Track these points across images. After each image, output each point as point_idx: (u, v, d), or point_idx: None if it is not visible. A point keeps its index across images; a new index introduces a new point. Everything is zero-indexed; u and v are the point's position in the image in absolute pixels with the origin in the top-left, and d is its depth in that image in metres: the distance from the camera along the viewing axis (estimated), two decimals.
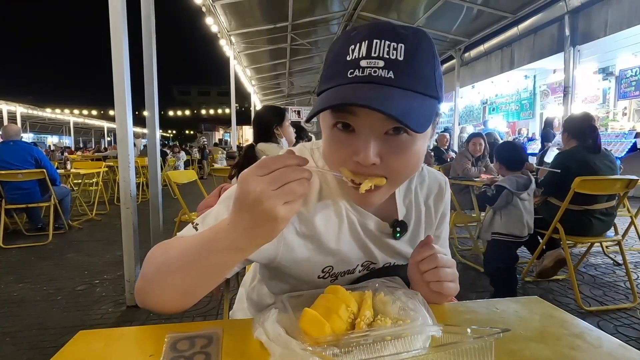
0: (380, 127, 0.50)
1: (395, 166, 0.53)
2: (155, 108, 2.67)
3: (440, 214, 0.74)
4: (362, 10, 6.19)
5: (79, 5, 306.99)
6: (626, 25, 4.43)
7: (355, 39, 0.50)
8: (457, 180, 3.26)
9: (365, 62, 0.48)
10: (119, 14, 2.09)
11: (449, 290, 0.59)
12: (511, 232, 2.19)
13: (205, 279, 0.52)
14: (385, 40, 0.48)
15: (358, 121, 0.51)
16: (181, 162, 10.25)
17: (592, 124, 2.42)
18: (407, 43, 0.48)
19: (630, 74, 7.32)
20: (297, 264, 0.64)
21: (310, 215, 0.63)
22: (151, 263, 0.56)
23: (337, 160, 0.54)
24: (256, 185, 0.43)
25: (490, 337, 0.39)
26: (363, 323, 0.49)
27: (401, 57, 0.48)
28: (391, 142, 0.51)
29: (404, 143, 0.52)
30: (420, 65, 0.50)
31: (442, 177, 0.75)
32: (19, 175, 3.64)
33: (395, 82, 0.48)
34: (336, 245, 0.65)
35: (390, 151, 0.51)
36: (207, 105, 41.21)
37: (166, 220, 2.89)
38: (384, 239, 0.68)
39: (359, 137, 0.51)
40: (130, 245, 2.23)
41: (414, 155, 0.53)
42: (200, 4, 5.28)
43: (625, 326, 1.97)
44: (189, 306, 0.55)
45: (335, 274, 0.67)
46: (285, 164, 0.44)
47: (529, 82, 10.13)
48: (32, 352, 1.78)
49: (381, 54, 0.48)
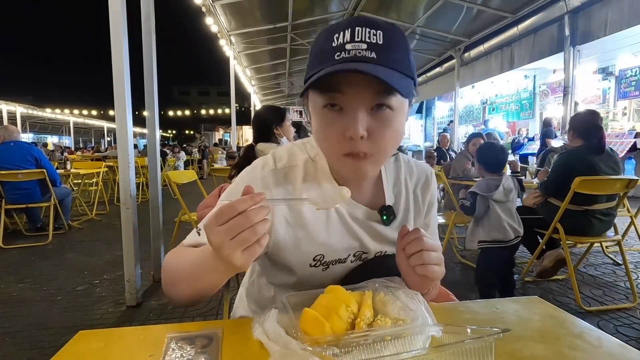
0: (366, 102, 0.56)
1: (380, 141, 0.57)
2: (155, 108, 2.67)
3: (427, 203, 0.77)
4: (362, 11, 6.19)
5: (79, 5, 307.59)
6: (626, 25, 4.43)
7: (338, 29, 0.56)
8: (457, 180, 3.26)
9: (350, 45, 0.54)
10: (118, 14, 2.09)
11: (434, 274, 0.59)
12: (494, 238, 2.08)
13: (206, 286, 0.57)
14: (366, 27, 0.55)
15: (346, 99, 0.56)
16: (181, 162, 10.25)
17: (597, 123, 2.39)
18: (384, 31, 0.55)
19: (630, 74, 7.33)
20: (288, 252, 0.68)
21: (299, 205, 0.67)
22: (165, 270, 0.64)
23: (329, 140, 0.59)
24: (215, 236, 0.47)
25: (490, 338, 0.39)
26: (363, 323, 0.49)
27: (380, 41, 0.54)
28: (376, 117, 0.57)
29: (387, 117, 0.57)
30: (397, 49, 0.56)
31: (428, 167, 0.80)
32: (19, 175, 3.64)
33: (378, 61, 0.54)
34: (326, 233, 0.68)
35: (376, 125, 0.57)
36: (207, 105, 41.20)
37: (166, 220, 2.89)
38: (374, 226, 0.70)
39: (347, 113, 0.56)
40: (130, 245, 2.23)
41: (395, 130, 0.59)
42: (200, 4, 5.28)
43: (625, 326, 1.97)
44: (207, 298, 0.60)
45: (326, 262, 0.69)
46: (239, 211, 0.47)
47: (528, 82, 10.13)
48: (32, 352, 1.78)
49: (363, 38, 0.54)
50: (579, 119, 2.48)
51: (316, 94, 0.58)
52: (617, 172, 2.32)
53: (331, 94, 0.56)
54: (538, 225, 2.50)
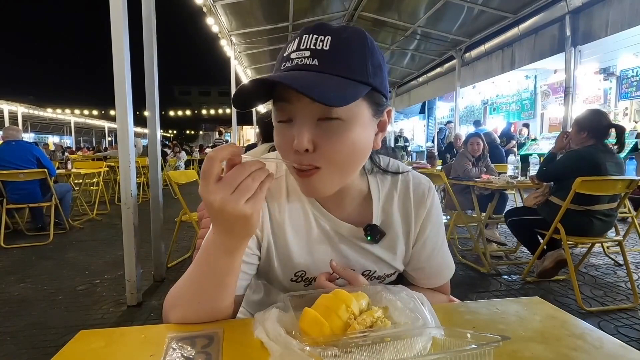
0: (312, 113, 0.53)
1: (328, 153, 0.54)
2: (156, 108, 2.67)
3: (422, 221, 0.71)
4: (363, 11, 6.18)
5: (79, 5, 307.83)
6: (627, 26, 4.41)
7: (293, 38, 0.56)
8: (458, 180, 3.26)
9: (294, 54, 0.53)
10: (119, 14, 2.10)
11: None
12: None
13: (217, 284, 0.56)
14: (313, 34, 0.53)
15: (292, 109, 0.54)
16: (182, 162, 10.26)
17: (610, 122, 2.39)
18: (334, 35, 0.53)
19: (631, 74, 7.32)
20: (269, 267, 0.67)
21: (281, 219, 0.66)
22: (168, 297, 0.60)
23: (281, 153, 0.58)
24: (215, 195, 0.46)
25: (489, 347, 0.39)
26: (364, 321, 0.49)
27: (327, 47, 0.52)
28: (323, 128, 0.53)
29: (335, 129, 0.53)
30: (348, 54, 0.53)
31: (427, 182, 0.73)
32: (20, 175, 3.64)
33: (319, 67, 0.51)
34: (308, 250, 0.66)
35: (322, 137, 0.53)
36: (208, 105, 41.18)
37: (167, 220, 2.89)
38: (361, 245, 0.68)
39: (293, 125, 0.54)
40: (130, 245, 2.23)
41: (347, 142, 0.54)
42: (201, 4, 5.28)
43: (626, 327, 1.97)
44: (219, 311, 0.58)
45: (308, 279, 0.68)
46: (220, 156, 0.47)
47: (529, 82, 10.13)
48: (33, 352, 1.78)
49: (308, 45, 0.53)
50: (591, 120, 2.40)
51: (274, 106, 0.57)
52: (622, 172, 2.33)
53: (281, 103, 0.55)
54: (539, 225, 2.49)
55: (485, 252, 2.87)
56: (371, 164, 0.71)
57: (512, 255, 3.23)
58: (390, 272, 0.72)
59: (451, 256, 0.77)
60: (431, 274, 0.74)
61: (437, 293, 0.76)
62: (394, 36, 7.18)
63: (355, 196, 0.69)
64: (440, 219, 0.74)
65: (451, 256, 0.77)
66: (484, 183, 2.93)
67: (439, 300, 0.75)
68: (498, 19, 5.87)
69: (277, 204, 0.67)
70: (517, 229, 2.72)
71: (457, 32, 6.63)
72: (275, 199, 0.67)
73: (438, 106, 13.76)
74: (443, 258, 0.74)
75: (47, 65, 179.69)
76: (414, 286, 0.75)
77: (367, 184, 0.70)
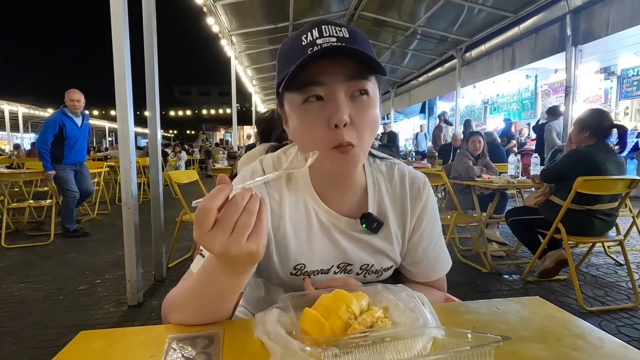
0: (345, 90, 0.56)
1: (362, 128, 0.57)
2: (156, 108, 2.67)
3: (417, 214, 0.72)
4: (363, 10, 6.19)
5: (80, 5, 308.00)
6: (628, 25, 4.41)
7: (304, 31, 0.58)
8: (459, 180, 3.26)
9: (320, 40, 0.56)
10: (120, 14, 2.10)
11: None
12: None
13: (221, 296, 0.56)
14: (331, 25, 0.57)
15: (326, 89, 0.56)
16: (182, 162, 10.27)
17: (613, 122, 2.39)
18: (347, 28, 0.58)
19: (632, 74, 7.31)
20: (268, 261, 0.67)
21: (281, 212, 0.67)
22: (167, 301, 0.60)
23: (313, 133, 0.57)
24: (213, 241, 0.44)
25: (490, 347, 0.39)
26: (365, 321, 0.48)
27: (347, 35, 0.57)
28: (356, 103, 0.57)
29: (365, 103, 0.57)
30: (364, 42, 0.59)
31: (422, 176, 0.75)
32: (21, 175, 3.65)
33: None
34: (307, 243, 0.67)
35: (356, 112, 0.56)
36: (208, 105, 41.25)
37: (167, 220, 2.89)
38: (359, 237, 0.69)
39: (329, 103, 0.56)
40: (131, 245, 2.23)
41: (374, 118, 0.59)
42: (201, 4, 5.29)
43: (627, 326, 1.97)
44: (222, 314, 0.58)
45: (307, 272, 0.68)
46: (215, 206, 0.43)
47: (530, 81, 10.12)
48: (34, 352, 1.78)
49: (332, 33, 0.56)
50: (594, 119, 2.39)
51: (294, 94, 0.57)
52: (622, 172, 2.32)
53: (310, 87, 0.56)
54: (539, 225, 2.49)
55: (486, 252, 2.87)
56: (370, 156, 0.73)
57: (512, 255, 3.23)
58: (388, 266, 0.72)
59: (447, 251, 0.77)
60: (427, 268, 0.75)
61: (435, 290, 0.76)
62: (394, 36, 7.18)
63: (354, 189, 0.70)
64: (436, 214, 0.75)
65: (447, 251, 0.77)
66: (484, 183, 2.93)
67: (437, 297, 0.75)
68: (498, 19, 5.87)
69: (277, 197, 0.68)
70: (518, 228, 2.72)
71: (458, 32, 6.63)
72: (275, 192, 0.68)
73: (438, 106, 13.77)
74: (440, 252, 0.75)
75: (47, 65, 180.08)
76: (410, 282, 0.76)
77: (365, 177, 0.71)
